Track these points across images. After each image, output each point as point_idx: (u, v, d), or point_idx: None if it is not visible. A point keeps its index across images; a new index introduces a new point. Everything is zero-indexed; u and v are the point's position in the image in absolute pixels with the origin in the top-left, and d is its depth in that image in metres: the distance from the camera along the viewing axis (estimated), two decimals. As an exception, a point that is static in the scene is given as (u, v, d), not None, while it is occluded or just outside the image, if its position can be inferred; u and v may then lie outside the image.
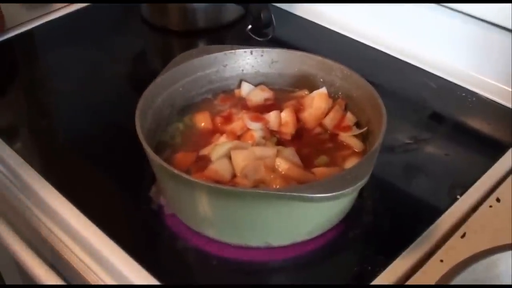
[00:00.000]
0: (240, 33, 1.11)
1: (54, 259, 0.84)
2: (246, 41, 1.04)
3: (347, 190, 0.63)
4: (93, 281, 0.76)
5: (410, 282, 0.68)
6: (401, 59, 1.05)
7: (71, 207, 0.79)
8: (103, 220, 0.77)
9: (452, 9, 0.98)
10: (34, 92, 1.05)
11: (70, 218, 0.78)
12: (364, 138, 0.79)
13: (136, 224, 0.79)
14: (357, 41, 1.10)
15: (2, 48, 1.14)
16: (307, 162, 0.75)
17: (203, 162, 0.75)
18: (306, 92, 0.85)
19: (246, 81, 0.87)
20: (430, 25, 1.03)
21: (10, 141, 0.90)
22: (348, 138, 0.79)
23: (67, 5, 1.23)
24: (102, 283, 0.74)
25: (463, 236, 0.72)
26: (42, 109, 1.02)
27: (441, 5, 0.98)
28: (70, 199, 0.79)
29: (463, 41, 1.00)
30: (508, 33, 0.93)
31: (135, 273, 0.71)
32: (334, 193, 0.63)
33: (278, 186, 0.71)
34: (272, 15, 1.03)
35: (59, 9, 1.23)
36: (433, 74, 1.01)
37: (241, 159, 0.73)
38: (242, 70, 0.87)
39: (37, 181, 0.83)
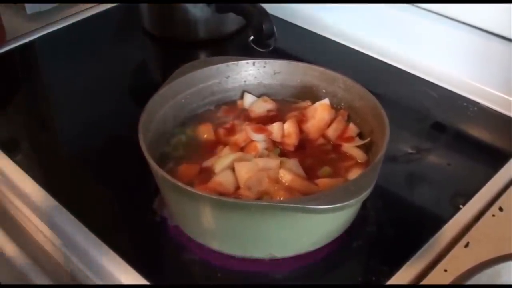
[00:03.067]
0: (242, 44, 1.11)
1: (57, 273, 0.83)
2: (248, 52, 1.04)
3: (351, 201, 0.63)
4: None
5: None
6: (403, 69, 1.05)
7: (73, 220, 0.78)
8: (106, 232, 0.77)
9: (453, 19, 0.98)
10: (35, 104, 1.05)
11: (72, 231, 0.78)
12: (367, 148, 0.79)
13: (140, 236, 0.79)
14: (358, 51, 1.10)
15: (3, 59, 1.14)
16: (310, 173, 0.75)
17: (207, 174, 0.75)
18: (308, 103, 0.85)
19: (248, 92, 0.88)
20: (431, 35, 1.04)
21: (11, 154, 0.90)
22: (351, 149, 0.79)
23: (68, 16, 1.24)
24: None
25: (466, 245, 0.72)
26: (44, 121, 1.02)
27: (442, 15, 0.99)
28: (72, 212, 0.79)
29: (464, 50, 1.00)
30: (509, 43, 0.93)
31: (137, 283, 0.71)
32: (338, 205, 0.63)
33: (281, 198, 0.71)
34: (274, 26, 1.03)
35: (59, 20, 1.23)
36: (434, 83, 1.01)
37: (244, 171, 0.73)
38: (245, 81, 0.87)
39: (38, 194, 0.83)
